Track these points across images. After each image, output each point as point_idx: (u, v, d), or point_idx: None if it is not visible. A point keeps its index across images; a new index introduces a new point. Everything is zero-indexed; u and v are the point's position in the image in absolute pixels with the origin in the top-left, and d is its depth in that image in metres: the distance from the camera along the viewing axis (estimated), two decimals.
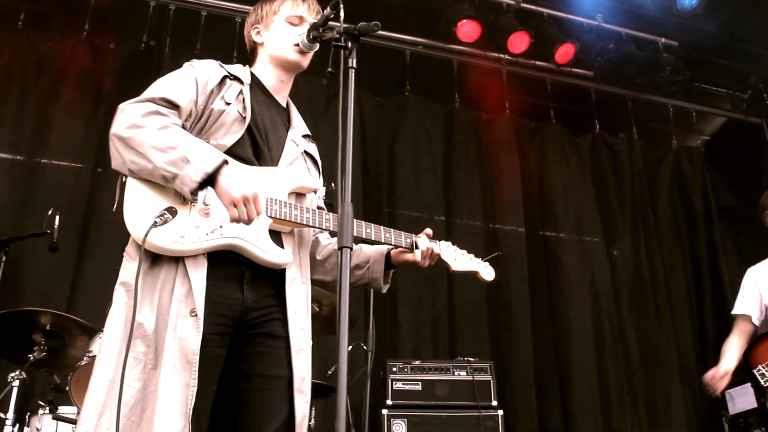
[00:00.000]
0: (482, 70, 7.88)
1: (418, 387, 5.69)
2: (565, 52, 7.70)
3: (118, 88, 6.61)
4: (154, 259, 2.39)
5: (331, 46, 2.46)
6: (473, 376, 5.69)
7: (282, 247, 2.57)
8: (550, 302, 7.42)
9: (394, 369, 5.74)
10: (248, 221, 2.38)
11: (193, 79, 2.60)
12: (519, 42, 7.54)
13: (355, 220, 2.60)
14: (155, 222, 2.32)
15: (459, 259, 3.03)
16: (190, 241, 2.38)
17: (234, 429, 2.45)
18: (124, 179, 2.47)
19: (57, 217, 4.74)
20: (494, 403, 5.61)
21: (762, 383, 4.45)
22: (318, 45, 2.71)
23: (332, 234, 2.94)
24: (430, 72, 7.95)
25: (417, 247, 2.83)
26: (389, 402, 5.56)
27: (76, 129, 6.45)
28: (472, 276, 3.11)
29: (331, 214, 2.69)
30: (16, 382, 4.40)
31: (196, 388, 2.24)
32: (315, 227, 2.65)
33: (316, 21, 2.68)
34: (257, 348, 2.49)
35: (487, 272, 3.12)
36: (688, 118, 8.67)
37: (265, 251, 2.50)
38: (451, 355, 6.57)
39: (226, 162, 2.38)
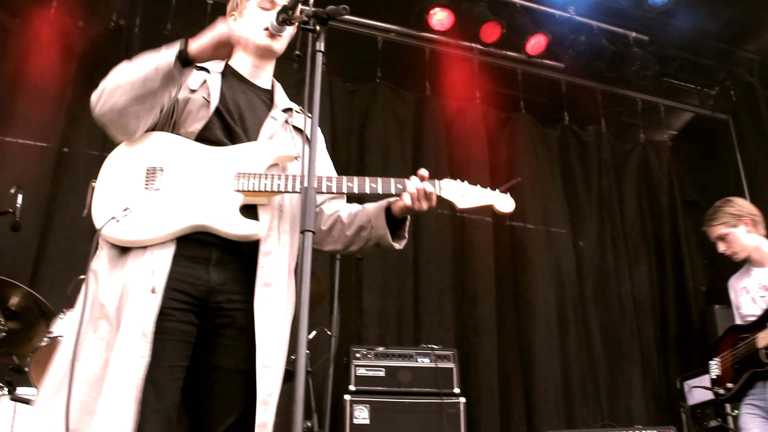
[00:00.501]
0: (454, 59, 7.88)
1: (382, 373, 5.70)
2: (536, 44, 7.73)
3: (86, 67, 6.52)
4: (124, 248, 2.42)
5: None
6: (436, 363, 5.72)
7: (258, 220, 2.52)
8: (515, 291, 7.47)
9: (358, 355, 5.74)
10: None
11: None
12: (491, 32, 7.54)
13: (334, 177, 2.57)
14: (114, 218, 2.38)
15: (467, 194, 2.66)
16: (152, 229, 2.40)
17: (194, 417, 2.46)
18: (93, 183, 2.50)
19: (20, 196, 4.62)
20: (456, 390, 5.65)
21: (711, 375, 4.52)
22: (288, 28, 2.67)
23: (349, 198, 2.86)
24: (402, 59, 7.95)
25: (406, 190, 2.56)
26: (352, 387, 5.57)
27: (42, 107, 6.34)
28: (441, 264, 2.93)
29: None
30: None
31: (147, 360, 2.23)
32: (285, 192, 2.54)
33: (286, 4, 2.64)
34: (221, 340, 2.46)
35: (505, 203, 2.71)
36: (657, 113, 8.76)
37: (231, 224, 2.44)
38: (415, 342, 6.60)
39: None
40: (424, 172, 2.60)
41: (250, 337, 2.41)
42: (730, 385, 4.31)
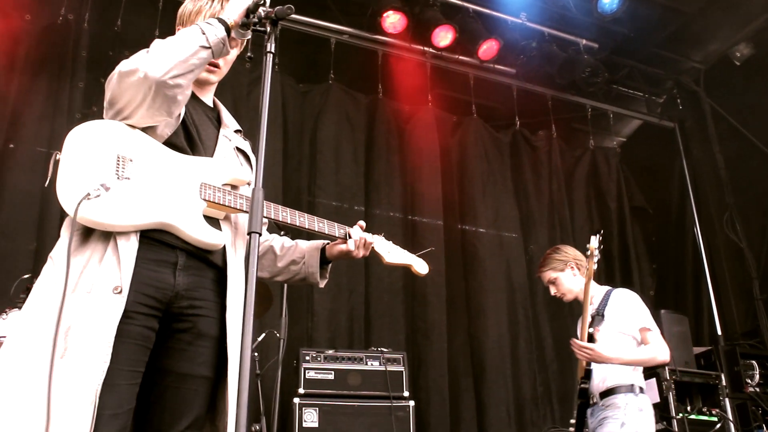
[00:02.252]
0: (407, 62, 7.89)
1: (331, 376, 5.66)
2: (488, 49, 7.81)
3: (32, 61, 6.37)
4: (85, 235, 2.34)
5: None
6: (386, 366, 5.71)
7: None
8: (466, 295, 7.47)
9: (308, 357, 5.70)
10: None
11: None
12: (443, 36, 7.62)
13: (289, 209, 2.73)
14: (88, 194, 2.27)
15: (392, 251, 3.06)
16: (121, 215, 2.34)
17: (144, 422, 2.39)
18: (57, 157, 2.40)
19: None
20: (406, 393, 5.64)
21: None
22: (250, 33, 2.60)
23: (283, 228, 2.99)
24: (355, 61, 7.93)
25: (350, 237, 2.84)
26: (301, 390, 5.51)
27: None
28: (391, 267, 3.20)
29: (270, 203, 2.66)
30: None
31: (107, 364, 2.16)
32: (244, 211, 2.60)
33: (247, 7, 2.55)
34: (177, 345, 2.41)
35: (421, 266, 3.15)
36: (606, 119, 8.90)
37: (197, 230, 2.46)
38: (366, 345, 6.57)
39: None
40: (362, 223, 2.89)
41: (211, 343, 2.44)
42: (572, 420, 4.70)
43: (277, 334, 5.24)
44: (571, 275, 4.84)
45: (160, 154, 2.51)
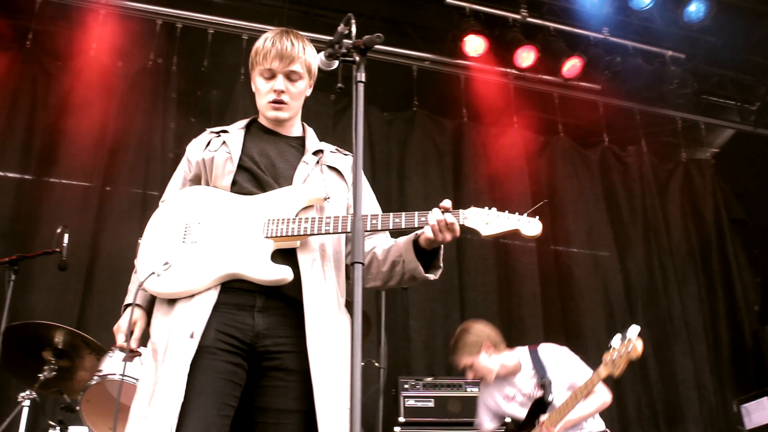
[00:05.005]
0: (490, 84, 7.87)
1: (431, 404, 5.63)
2: (572, 66, 7.73)
3: (125, 105, 6.63)
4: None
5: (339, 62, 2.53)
6: None
7: (293, 266, 2.54)
8: (563, 316, 7.36)
9: (406, 386, 5.72)
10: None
11: (185, 160, 2.86)
12: (526, 56, 7.59)
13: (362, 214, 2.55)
14: (153, 272, 2.53)
15: (492, 221, 2.59)
16: (186, 282, 2.51)
17: None
18: (140, 240, 2.69)
19: (66, 236, 4.67)
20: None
21: None
22: (336, 63, 2.62)
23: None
24: (438, 87, 7.97)
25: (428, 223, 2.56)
26: (401, 419, 5.51)
27: (85, 148, 6.43)
28: (486, 290, 2.95)
29: (334, 216, 2.55)
30: (27, 402, 4.38)
31: (181, 399, 2.31)
32: (315, 234, 2.56)
33: (333, 39, 2.59)
34: (270, 382, 2.49)
35: (531, 227, 2.62)
36: (697, 131, 8.67)
37: (260, 271, 2.51)
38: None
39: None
40: (446, 203, 2.56)
41: (300, 377, 2.45)
42: None
43: (376, 363, 5.23)
44: (486, 356, 4.66)
45: (227, 205, 2.62)
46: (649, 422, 7.02)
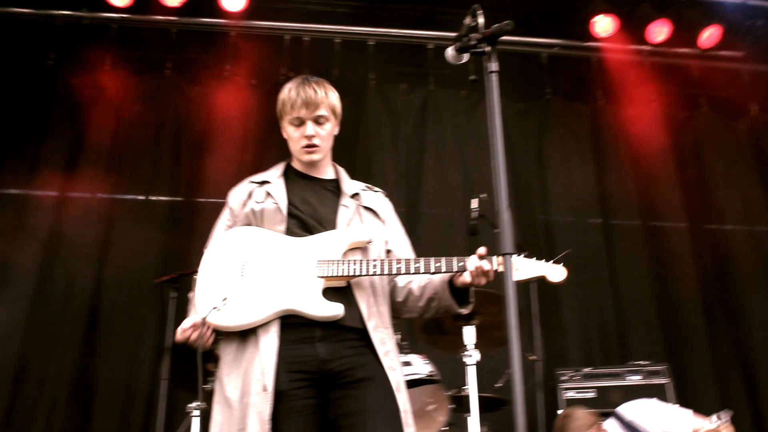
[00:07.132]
0: (623, 64, 7.63)
1: (593, 394, 5.53)
2: (710, 36, 7.47)
3: (264, 122, 6.83)
4: (242, 337, 2.72)
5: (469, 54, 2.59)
6: (649, 380, 5.52)
7: (348, 300, 2.77)
8: (724, 297, 7.02)
9: (564, 378, 5.61)
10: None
11: (228, 210, 3.05)
12: (659, 31, 7.40)
13: (404, 259, 2.82)
14: (215, 307, 2.71)
15: (521, 267, 2.87)
16: (245, 316, 2.71)
17: None
18: (195, 276, 2.86)
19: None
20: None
21: None
22: (466, 56, 2.69)
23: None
24: (569, 72, 7.81)
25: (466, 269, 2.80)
26: (561, 412, 5.37)
27: (228, 167, 6.66)
28: (640, 274, 2.91)
29: (380, 260, 2.80)
30: (197, 412, 4.53)
31: None
32: (361, 275, 2.79)
33: (460, 32, 2.67)
34: (348, 392, 2.68)
35: (556, 273, 2.90)
36: None
37: (314, 307, 2.71)
38: (622, 360, 6.31)
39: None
40: (482, 250, 2.77)
41: (370, 383, 2.70)
42: None
43: (528, 356, 5.15)
44: None
45: (279, 246, 2.83)
46: None
